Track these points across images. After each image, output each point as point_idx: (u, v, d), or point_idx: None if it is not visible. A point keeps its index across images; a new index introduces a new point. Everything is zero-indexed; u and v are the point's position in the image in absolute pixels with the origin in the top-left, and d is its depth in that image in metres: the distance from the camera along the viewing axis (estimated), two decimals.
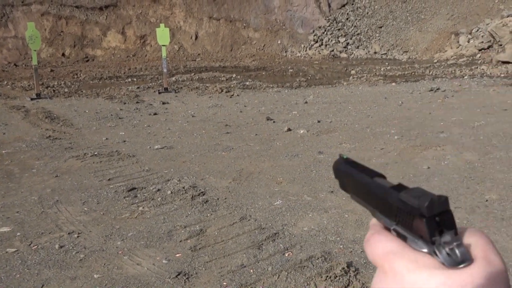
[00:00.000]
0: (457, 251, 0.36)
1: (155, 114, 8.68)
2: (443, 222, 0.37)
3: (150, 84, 12.78)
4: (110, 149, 6.18)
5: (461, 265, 0.35)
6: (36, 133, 7.13)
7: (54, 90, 11.72)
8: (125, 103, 9.84)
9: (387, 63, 16.09)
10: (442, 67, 14.78)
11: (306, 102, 9.51)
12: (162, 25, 11.82)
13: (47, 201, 4.23)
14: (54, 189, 4.58)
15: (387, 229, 0.41)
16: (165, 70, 11.50)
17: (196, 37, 19.49)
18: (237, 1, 19.54)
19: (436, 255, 0.37)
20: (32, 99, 10.22)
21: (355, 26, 17.91)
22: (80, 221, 3.85)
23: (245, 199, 4.35)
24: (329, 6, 19.00)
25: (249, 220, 3.88)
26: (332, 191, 4.48)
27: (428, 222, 0.36)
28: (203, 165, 5.45)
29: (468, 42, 14.99)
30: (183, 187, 4.61)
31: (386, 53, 16.81)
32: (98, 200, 4.32)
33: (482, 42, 14.22)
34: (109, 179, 4.91)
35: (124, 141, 6.64)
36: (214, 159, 5.67)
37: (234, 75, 13.97)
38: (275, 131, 7.05)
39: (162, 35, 11.47)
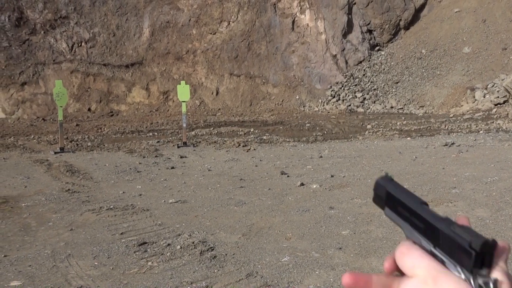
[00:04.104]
0: (491, 285, 0.45)
1: (172, 168, 8.87)
2: (486, 260, 0.46)
3: (170, 138, 13.11)
4: (125, 202, 6.33)
5: None
6: (56, 186, 7.37)
7: (77, 144, 12.14)
8: (144, 157, 10.10)
9: (403, 118, 16.19)
10: (458, 121, 14.78)
11: (321, 157, 9.59)
12: (183, 82, 12.31)
13: (59, 255, 4.34)
14: (67, 243, 4.70)
15: (423, 248, 0.50)
16: (184, 125, 11.84)
17: (217, 93, 20.12)
18: (257, 59, 20.28)
19: (471, 283, 0.45)
20: (55, 152, 10.60)
21: (371, 82, 18.28)
22: (89, 275, 3.93)
23: (253, 255, 4.37)
24: (346, 62, 19.52)
25: (255, 276, 3.89)
26: (340, 248, 4.47)
27: (477, 256, 0.45)
28: (215, 219, 5.52)
29: (484, 97, 15.07)
30: (193, 242, 4.66)
31: (402, 108, 16.98)
32: (109, 254, 4.40)
33: (498, 97, 14.28)
34: (121, 233, 5.01)
35: (140, 195, 6.79)
36: (225, 214, 5.73)
37: (252, 130, 14.24)
38: (288, 186, 7.12)
39: (183, 91, 11.92)
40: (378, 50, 20.16)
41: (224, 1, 20.47)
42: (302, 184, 7.07)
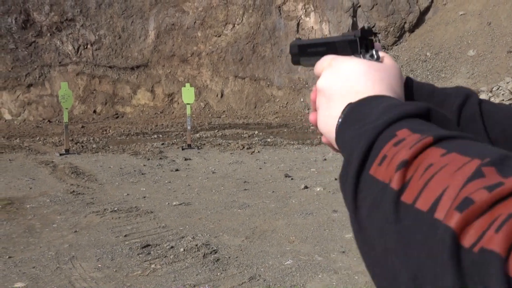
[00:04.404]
0: (374, 55, 0.62)
1: (176, 170, 8.89)
2: (369, 45, 0.63)
3: (175, 140, 13.14)
4: (130, 204, 6.35)
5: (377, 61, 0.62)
6: (61, 188, 7.41)
7: (82, 146, 12.19)
8: (148, 159, 10.12)
9: None
10: None
11: (325, 159, 9.58)
12: (187, 84, 12.34)
13: (63, 257, 4.36)
14: (71, 245, 4.72)
15: None
16: (189, 127, 11.87)
17: (222, 95, 20.15)
18: (261, 61, 20.30)
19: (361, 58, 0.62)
20: (61, 154, 10.66)
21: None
22: (92, 277, 3.94)
23: (256, 258, 4.37)
24: None
25: (258, 280, 3.89)
26: (343, 251, 4.46)
27: (360, 40, 0.62)
28: (218, 222, 5.53)
29: (489, 100, 15.04)
30: (196, 245, 4.67)
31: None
32: (112, 256, 4.42)
33: (503, 100, 14.22)
34: (125, 235, 5.03)
35: (144, 197, 6.81)
36: (229, 217, 5.74)
37: (256, 132, 14.25)
38: (292, 189, 7.12)
39: (188, 94, 11.96)
40: None
41: (229, 3, 20.51)
42: (306, 187, 7.07)
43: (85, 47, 20.26)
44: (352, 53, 0.63)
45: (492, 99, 15.10)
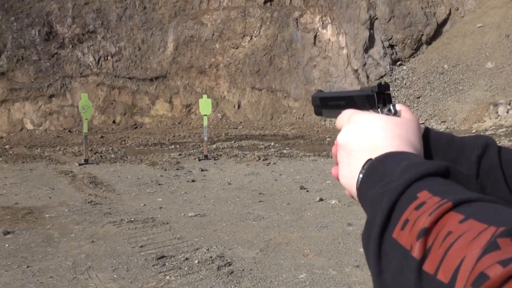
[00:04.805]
0: (392, 110, 0.64)
1: (193, 181, 8.96)
2: (386, 99, 0.65)
3: (192, 151, 13.25)
4: (146, 215, 6.42)
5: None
6: (80, 197, 7.53)
7: (101, 156, 12.38)
8: (165, 170, 10.22)
9: None
10: None
11: None
12: (205, 96, 12.48)
13: (80, 267, 4.44)
14: (88, 255, 4.80)
15: None
16: (205, 138, 11.97)
17: (239, 106, 20.28)
18: (278, 73, 20.40)
19: (379, 113, 0.64)
20: (80, 164, 10.84)
21: (393, 97, 17.98)
22: None
23: (270, 271, 4.38)
24: (368, 77, 19.44)
25: None
26: (358, 266, 4.44)
27: (378, 95, 0.65)
28: (233, 234, 5.55)
29: (507, 112, 14.80)
30: (211, 257, 4.70)
31: (424, 123, 16.77)
32: (128, 267, 4.47)
33: None
34: (141, 246, 5.09)
35: (161, 208, 6.88)
36: (244, 229, 5.76)
37: (272, 143, 14.28)
38: (307, 201, 7.11)
39: (205, 105, 12.08)
40: (400, 65, 20.04)
41: (247, 16, 20.72)
42: (321, 200, 7.05)
43: (105, 58, 20.66)
44: (371, 107, 0.66)
45: (510, 112, 14.86)
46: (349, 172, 0.61)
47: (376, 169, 0.54)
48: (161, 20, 21.06)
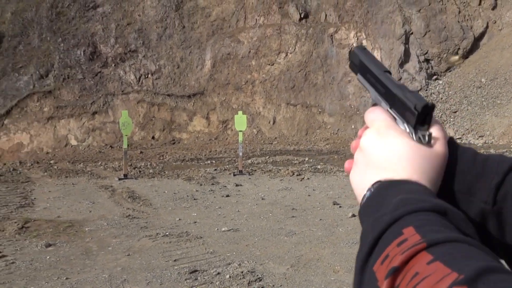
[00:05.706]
0: (426, 138, 0.60)
1: (227, 196, 9.09)
2: (426, 119, 0.61)
3: (227, 166, 13.42)
4: (181, 229, 6.58)
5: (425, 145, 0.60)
6: (118, 211, 7.80)
7: (140, 171, 12.75)
8: (201, 185, 10.42)
9: None
10: None
11: None
12: (240, 112, 12.69)
13: (116, 280, 4.61)
14: (124, 268, 4.97)
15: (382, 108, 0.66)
16: (240, 154, 12.13)
17: (274, 122, 20.43)
18: (313, 88, 20.47)
19: (412, 135, 0.61)
20: (119, 179, 11.21)
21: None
22: None
23: (300, 287, 4.40)
24: None
25: None
26: None
27: (419, 116, 0.60)
28: (265, 249, 5.61)
29: None
30: (242, 272, 4.77)
31: (461, 138, 16.35)
32: (161, 281, 4.61)
33: None
34: (175, 260, 5.23)
35: (195, 222, 7.03)
36: (275, 244, 5.81)
37: (306, 159, 14.28)
38: (339, 217, 7.08)
39: (240, 121, 12.28)
40: (436, 79, 19.66)
41: (283, 33, 20.96)
42: (353, 215, 7.01)
43: (146, 76, 21.35)
44: (404, 119, 0.62)
45: None
46: (360, 180, 0.61)
47: (379, 196, 0.55)
48: (199, 38, 21.61)
